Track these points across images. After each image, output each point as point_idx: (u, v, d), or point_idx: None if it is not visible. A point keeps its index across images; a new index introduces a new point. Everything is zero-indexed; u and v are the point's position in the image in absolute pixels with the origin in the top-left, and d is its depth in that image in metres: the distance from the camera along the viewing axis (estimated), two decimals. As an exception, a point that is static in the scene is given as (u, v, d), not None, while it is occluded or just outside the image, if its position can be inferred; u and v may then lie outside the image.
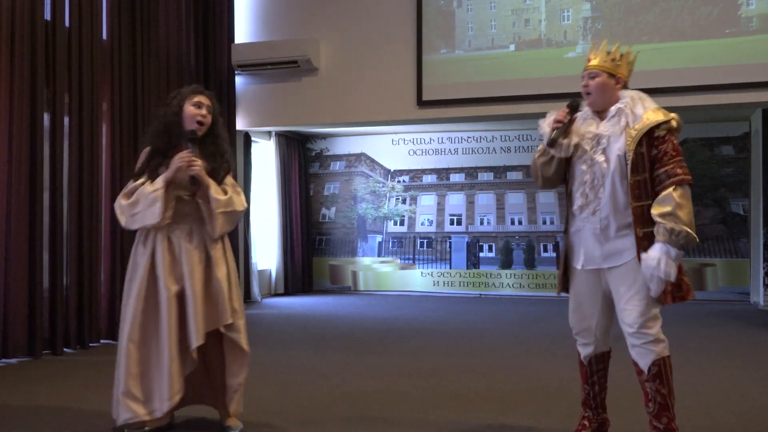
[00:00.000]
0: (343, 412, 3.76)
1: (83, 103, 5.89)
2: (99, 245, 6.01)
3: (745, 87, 6.76)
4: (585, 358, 3.16)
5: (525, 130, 9.76)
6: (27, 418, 3.68)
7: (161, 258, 3.25)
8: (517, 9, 7.53)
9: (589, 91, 3.00)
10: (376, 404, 3.94)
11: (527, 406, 3.89)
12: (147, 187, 3.24)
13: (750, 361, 5.17)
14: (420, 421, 3.58)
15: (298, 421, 3.58)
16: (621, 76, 2.99)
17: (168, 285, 3.23)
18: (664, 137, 2.85)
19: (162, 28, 7.03)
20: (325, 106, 8.12)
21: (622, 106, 2.94)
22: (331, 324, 7.20)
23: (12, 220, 5.22)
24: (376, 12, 7.94)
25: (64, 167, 5.70)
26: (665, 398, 2.86)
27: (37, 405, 3.93)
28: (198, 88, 3.44)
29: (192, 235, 3.32)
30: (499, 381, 4.52)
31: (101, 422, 3.54)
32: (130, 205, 3.26)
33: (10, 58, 5.25)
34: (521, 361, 5.18)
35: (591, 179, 2.97)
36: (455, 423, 3.55)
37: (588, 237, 3.00)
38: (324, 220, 10.55)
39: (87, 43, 5.94)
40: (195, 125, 3.31)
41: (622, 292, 2.91)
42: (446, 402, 3.98)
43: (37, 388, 4.36)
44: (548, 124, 3.05)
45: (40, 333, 5.37)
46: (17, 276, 5.24)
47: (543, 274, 9.69)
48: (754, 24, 6.80)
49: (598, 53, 3.02)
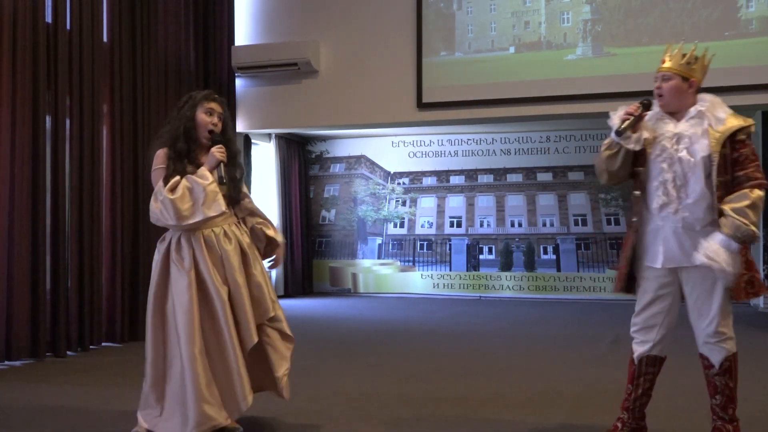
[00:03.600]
0: (343, 414, 3.79)
1: (84, 105, 5.91)
2: (100, 248, 6.03)
3: (744, 89, 6.78)
4: (638, 357, 3.14)
5: (525, 132, 9.79)
6: (31, 419, 3.70)
7: (204, 263, 3.24)
8: (517, 11, 7.55)
9: (662, 93, 3.03)
10: (376, 405, 3.95)
11: (527, 407, 3.91)
12: (194, 180, 3.20)
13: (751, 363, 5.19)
14: (420, 423, 3.60)
15: (298, 422, 3.60)
16: (695, 80, 3.01)
17: (219, 290, 3.23)
18: (745, 141, 2.94)
19: (162, 31, 7.06)
20: (325, 108, 8.14)
21: (702, 109, 2.99)
22: (331, 326, 7.22)
23: (15, 223, 5.24)
24: (376, 14, 7.96)
25: (65, 169, 5.72)
26: (732, 391, 3.01)
27: (41, 406, 3.96)
28: (210, 95, 3.43)
29: (228, 236, 3.34)
30: (498, 383, 4.54)
31: (102, 423, 3.56)
32: (180, 199, 3.17)
33: (12, 60, 5.28)
34: (521, 363, 5.20)
35: (672, 177, 2.98)
36: (455, 424, 3.57)
37: (669, 236, 3.01)
38: (324, 222, 10.57)
39: (88, 45, 5.96)
40: (206, 132, 3.34)
41: (701, 289, 2.98)
42: (446, 403, 4.00)
43: (40, 390, 4.38)
44: (618, 116, 3.05)
45: (43, 336, 5.40)
46: (20, 279, 5.27)
47: (543, 276, 9.70)
48: (753, 26, 6.83)
49: (673, 55, 3.02)
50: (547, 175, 9.77)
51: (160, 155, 3.32)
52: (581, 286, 9.56)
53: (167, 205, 3.18)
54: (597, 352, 5.54)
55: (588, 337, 6.35)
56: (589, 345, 5.89)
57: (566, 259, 9.65)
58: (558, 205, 9.68)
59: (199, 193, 3.20)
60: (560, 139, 9.67)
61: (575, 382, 4.54)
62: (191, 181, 3.22)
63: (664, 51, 3.07)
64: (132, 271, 6.37)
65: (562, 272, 9.67)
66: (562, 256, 9.66)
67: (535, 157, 9.83)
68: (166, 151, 3.32)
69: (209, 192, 3.20)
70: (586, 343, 5.98)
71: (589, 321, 7.44)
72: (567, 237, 9.64)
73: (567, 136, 9.64)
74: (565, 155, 9.67)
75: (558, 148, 9.69)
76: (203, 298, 3.25)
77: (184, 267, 3.23)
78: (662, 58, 3.05)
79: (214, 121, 3.37)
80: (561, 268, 9.67)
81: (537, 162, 9.81)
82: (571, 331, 6.81)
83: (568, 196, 9.62)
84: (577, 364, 5.14)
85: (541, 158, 9.81)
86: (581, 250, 9.57)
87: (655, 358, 3.12)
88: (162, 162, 3.29)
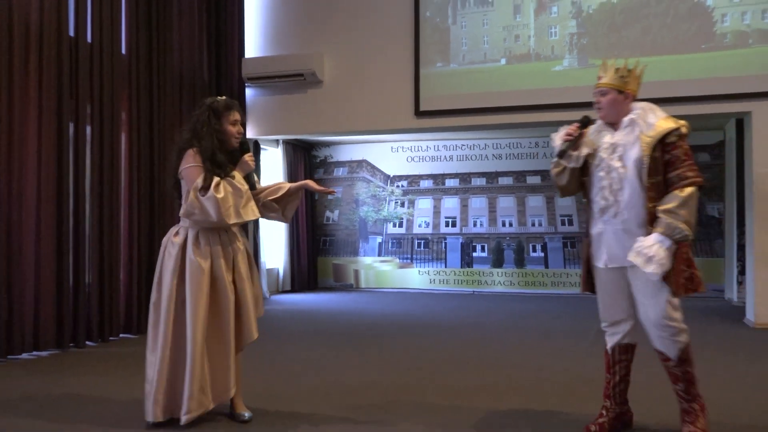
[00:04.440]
0: (344, 401, 3.77)
1: (104, 113, 5.90)
2: (118, 247, 6.03)
3: (720, 99, 6.77)
4: (610, 347, 3.16)
5: (515, 138, 9.79)
6: (58, 405, 3.69)
7: (219, 260, 3.25)
8: (508, 25, 7.54)
9: (601, 106, 3.06)
10: (376, 394, 3.95)
11: (517, 395, 3.90)
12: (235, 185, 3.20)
13: (726, 352, 5.19)
14: (417, 410, 3.59)
15: (303, 409, 3.59)
16: (629, 91, 3.03)
17: (228, 287, 3.25)
18: (676, 143, 2.91)
19: (177, 44, 7.05)
20: (329, 115, 8.13)
21: (634, 117, 3.00)
22: (335, 319, 7.21)
23: (41, 224, 5.24)
24: (376, 28, 7.95)
25: (86, 173, 5.72)
26: (691, 375, 2.99)
27: (66, 393, 3.95)
28: (231, 103, 3.37)
29: (238, 237, 3.37)
30: (491, 372, 4.53)
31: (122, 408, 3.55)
32: (224, 200, 3.15)
33: (39, 71, 5.28)
34: (512, 354, 5.19)
35: (609, 184, 3.02)
36: (450, 412, 3.57)
37: (611, 237, 3.03)
38: (328, 222, 10.56)
39: (107, 57, 5.95)
40: (235, 141, 3.34)
41: (643, 287, 2.95)
42: (442, 392, 3.99)
43: (64, 378, 4.38)
44: (560, 137, 3.10)
45: (67, 328, 5.40)
46: (46, 277, 5.27)
47: (532, 273, 9.69)
48: (728, 39, 6.82)
49: (607, 71, 3.05)
50: (535, 178, 9.76)
51: (191, 154, 3.24)
52: (568, 282, 9.54)
53: (213, 202, 3.13)
54: (583, 343, 5.53)
55: (574, 329, 6.34)
56: (575, 337, 5.88)
57: (554, 256, 9.64)
58: (546, 207, 9.67)
59: (239, 197, 3.20)
60: (548, 145, 9.64)
61: (563, 371, 4.52)
62: (232, 185, 3.21)
63: (600, 68, 3.10)
64: (148, 268, 6.34)
65: (549, 269, 9.65)
66: (550, 254, 9.66)
67: (525, 161, 9.82)
68: (197, 152, 3.24)
69: (247, 197, 3.23)
70: (573, 336, 5.97)
71: (575, 315, 7.43)
72: (554, 236, 9.63)
73: (554, 141, 9.59)
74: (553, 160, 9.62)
75: (546, 153, 9.67)
76: (214, 292, 3.25)
77: (203, 262, 3.22)
78: (599, 74, 3.09)
79: (240, 130, 3.37)
80: (549, 265, 9.66)
81: (526, 166, 9.80)
82: (558, 324, 6.81)
83: (556, 197, 9.61)
84: (565, 354, 5.13)
85: (531, 162, 9.80)
86: (568, 248, 9.57)
87: (627, 346, 3.14)
88: (195, 160, 3.22)
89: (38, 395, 3.93)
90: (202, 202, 3.14)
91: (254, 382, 4.04)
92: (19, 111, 5.10)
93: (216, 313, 3.25)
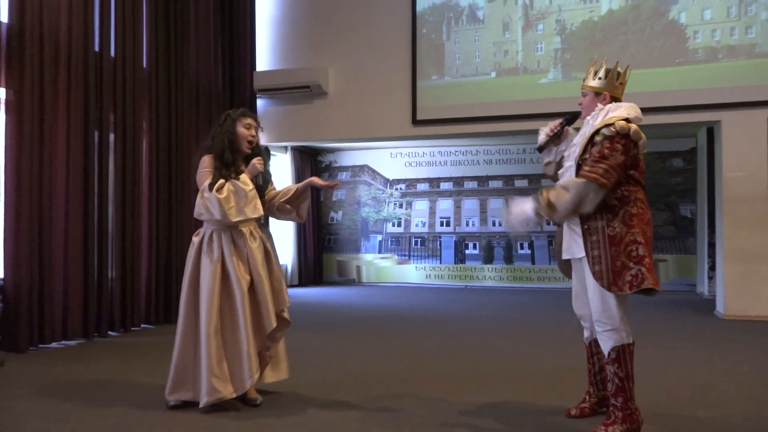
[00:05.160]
0: (348, 386, 3.78)
1: (126, 121, 5.90)
2: (140, 244, 6.03)
3: (692, 108, 6.78)
4: (585, 339, 3.08)
5: (504, 145, 9.80)
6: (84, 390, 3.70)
7: (230, 258, 3.23)
8: (498, 41, 7.55)
9: (582, 107, 3.00)
10: (375, 380, 3.95)
11: (506, 382, 3.91)
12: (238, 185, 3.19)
13: (697, 342, 5.20)
14: (413, 395, 3.60)
15: (309, 394, 3.60)
16: (607, 93, 2.91)
17: (241, 281, 3.22)
18: (599, 141, 2.74)
19: (193, 58, 7.05)
20: (333, 124, 8.14)
21: (589, 118, 2.91)
22: (338, 311, 7.21)
23: (69, 225, 5.25)
24: (377, 44, 7.96)
25: (110, 177, 5.72)
26: (622, 381, 2.75)
27: (92, 379, 3.96)
28: (246, 111, 3.43)
29: (253, 235, 3.34)
30: (482, 360, 4.54)
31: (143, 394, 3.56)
32: (226, 200, 3.16)
33: (68, 83, 5.29)
34: (501, 343, 5.20)
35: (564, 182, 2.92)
36: (444, 397, 3.57)
37: (566, 231, 2.95)
38: (332, 222, 10.56)
39: (129, 70, 5.96)
40: (247, 144, 3.36)
41: (587, 282, 2.84)
42: (436, 378, 3.99)
43: (90, 365, 4.39)
44: (544, 132, 3.05)
45: (92, 319, 5.40)
46: (74, 272, 5.28)
47: (520, 268, 9.70)
48: (699, 54, 6.83)
49: (589, 74, 2.98)
50: (523, 181, 9.77)
51: (206, 160, 3.31)
52: (552, 277, 9.55)
53: (214, 203, 3.16)
54: (566, 333, 5.54)
55: (558, 320, 6.35)
56: (559, 327, 5.89)
57: (540, 253, 9.65)
58: (533, 208, 9.66)
59: (242, 196, 3.20)
60: (534, 151, 9.64)
61: (549, 359, 4.53)
62: (235, 185, 3.21)
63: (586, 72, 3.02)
64: (166, 264, 6.36)
65: (536, 265, 9.66)
66: (536, 251, 9.66)
67: (513, 166, 9.83)
68: (212, 157, 3.30)
69: (251, 197, 3.22)
70: (557, 326, 5.98)
71: (559, 307, 7.43)
72: (540, 235, 9.64)
73: (540, 148, 9.61)
74: (539, 164, 9.62)
75: (533, 159, 9.68)
76: (225, 287, 3.24)
77: (213, 258, 3.23)
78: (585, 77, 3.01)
79: (253, 134, 3.39)
80: (535, 261, 9.66)
81: (515, 170, 9.81)
82: (544, 315, 6.81)
83: (542, 199, 9.59)
84: (550, 343, 5.13)
85: (519, 167, 9.81)
86: (552, 246, 9.57)
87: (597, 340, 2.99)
88: (208, 166, 3.28)
89: (66, 380, 3.94)
90: (207, 203, 3.18)
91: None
92: (49, 120, 5.11)
93: (229, 307, 3.25)
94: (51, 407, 3.36)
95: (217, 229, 3.28)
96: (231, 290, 3.24)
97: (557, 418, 3.12)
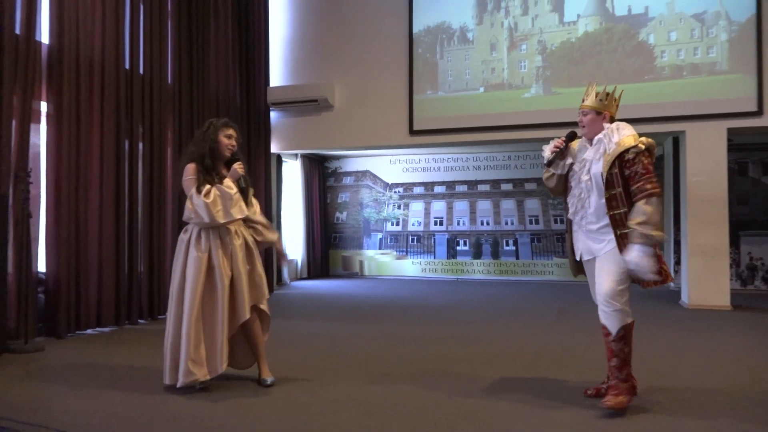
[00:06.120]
0: (352, 368, 3.79)
1: (153, 131, 5.91)
2: (165, 241, 6.03)
3: (659, 120, 6.79)
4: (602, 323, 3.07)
5: (492, 153, 9.80)
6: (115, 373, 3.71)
7: (216, 254, 3.21)
8: (486, 60, 7.55)
9: (583, 125, 3.00)
10: (377, 362, 3.96)
11: (494, 364, 3.91)
12: (223, 189, 3.17)
13: (664, 329, 5.21)
14: (411, 376, 3.60)
15: (317, 375, 3.61)
16: (607, 112, 2.96)
17: (223, 275, 3.20)
18: (634, 159, 2.82)
19: (213, 74, 7.06)
20: (339, 134, 8.15)
21: (601, 136, 2.93)
22: (343, 301, 7.22)
23: (103, 224, 5.26)
24: (377, 62, 7.97)
25: (139, 181, 5.72)
26: (627, 355, 2.89)
27: (122, 364, 3.96)
28: (227, 122, 3.37)
29: (237, 234, 3.30)
30: (472, 344, 4.55)
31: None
32: (213, 203, 3.14)
33: (101, 97, 5.29)
34: (489, 329, 5.20)
35: (578, 194, 2.99)
36: (438, 377, 3.58)
37: (581, 236, 3.02)
38: (338, 222, 10.57)
39: (156, 85, 5.97)
40: (227, 151, 3.32)
41: (599, 270, 2.91)
42: (432, 361, 4.00)
43: (121, 350, 4.39)
44: (549, 149, 3.05)
45: (123, 308, 5.41)
46: (107, 266, 5.29)
47: (505, 263, 9.70)
48: (666, 72, 6.83)
49: (589, 95, 2.99)
50: (508, 185, 9.78)
51: (189, 168, 3.25)
52: (534, 270, 9.55)
53: (202, 207, 3.15)
54: (547, 320, 5.55)
55: (539, 309, 6.36)
56: (540, 315, 5.90)
57: (523, 249, 9.65)
58: (517, 209, 9.68)
59: (228, 199, 3.19)
60: (519, 158, 9.68)
61: (531, 343, 4.54)
62: (221, 190, 3.20)
63: (585, 92, 3.04)
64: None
65: (520, 260, 9.66)
66: (521, 248, 9.66)
67: (500, 171, 9.83)
68: (195, 165, 3.26)
69: (236, 199, 3.21)
70: (539, 314, 5.99)
71: (540, 297, 7.44)
72: (524, 233, 9.64)
73: (524, 155, 9.65)
74: (523, 170, 9.67)
75: (517, 165, 9.69)
76: (209, 281, 3.21)
77: (200, 254, 3.20)
78: (583, 97, 3.03)
79: (233, 143, 3.34)
80: (519, 257, 9.67)
81: (501, 175, 9.81)
82: (527, 305, 6.82)
83: (525, 201, 9.62)
84: (532, 330, 5.14)
85: (504, 172, 9.81)
86: (535, 243, 9.58)
87: None
88: (192, 173, 3.23)
89: (101, 363, 3.95)
90: (196, 207, 3.16)
91: (277, 352, 4.06)
92: (85, 130, 5.12)
93: (211, 299, 3.20)
94: (85, 385, 3.36)
95: (205, 228, 3.24)
96: (214, 283, 3.20)
97: (542, 394, 3.13)
